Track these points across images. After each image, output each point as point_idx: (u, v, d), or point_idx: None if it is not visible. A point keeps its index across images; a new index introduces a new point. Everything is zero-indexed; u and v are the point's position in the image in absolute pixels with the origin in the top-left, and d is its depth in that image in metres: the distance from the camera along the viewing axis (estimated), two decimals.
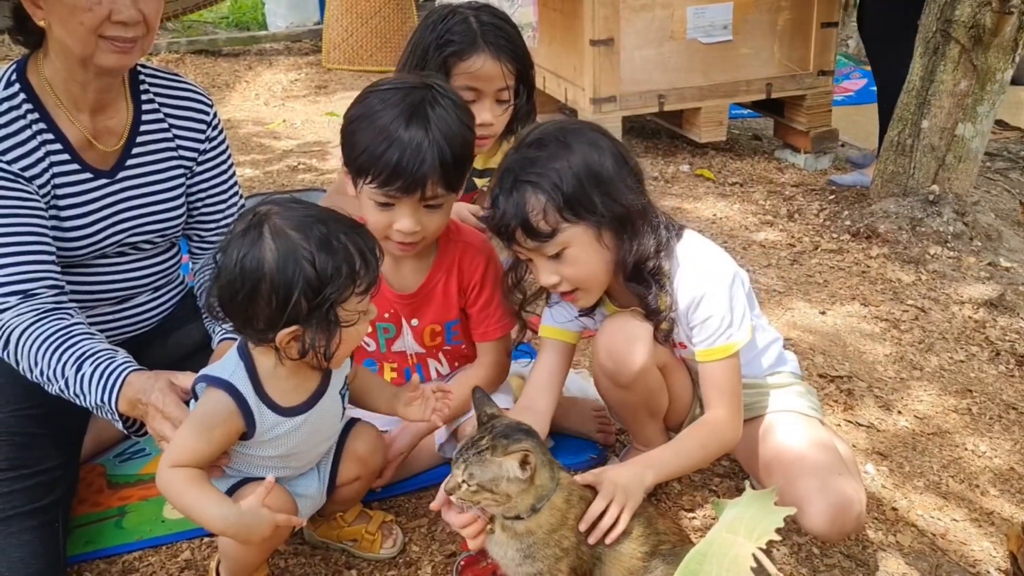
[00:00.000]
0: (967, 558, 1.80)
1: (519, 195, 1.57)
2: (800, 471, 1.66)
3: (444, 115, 1.63)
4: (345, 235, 1.39)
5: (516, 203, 1.57)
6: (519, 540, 1.42)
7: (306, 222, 1.38)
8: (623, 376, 1.72)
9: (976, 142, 3.25)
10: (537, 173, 1.57)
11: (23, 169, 1.69)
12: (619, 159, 1.63)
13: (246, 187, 3.65)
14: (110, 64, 1.68)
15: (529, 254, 1.63)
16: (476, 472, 1.38)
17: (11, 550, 1.56)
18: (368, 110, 1.64)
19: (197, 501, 1.38)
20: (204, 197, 1.97)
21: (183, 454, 1.41)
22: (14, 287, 1.65)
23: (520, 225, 1.57)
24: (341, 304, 1.38)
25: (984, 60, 3.13)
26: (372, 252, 1.42)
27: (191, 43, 6.25)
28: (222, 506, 1.38)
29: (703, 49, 3.90)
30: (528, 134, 1.66)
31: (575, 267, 1.61)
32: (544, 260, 1.62)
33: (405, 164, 1.59)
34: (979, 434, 2.21)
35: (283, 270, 1.34)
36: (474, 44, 2.05)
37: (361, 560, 1.76)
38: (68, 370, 1.60)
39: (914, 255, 3.10)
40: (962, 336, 2.65)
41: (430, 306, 1.85)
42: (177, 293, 2.08)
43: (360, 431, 1.68)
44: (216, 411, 1.43)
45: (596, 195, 1.58)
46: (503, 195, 1.59)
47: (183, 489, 1.39)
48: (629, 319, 1.72)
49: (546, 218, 1.56)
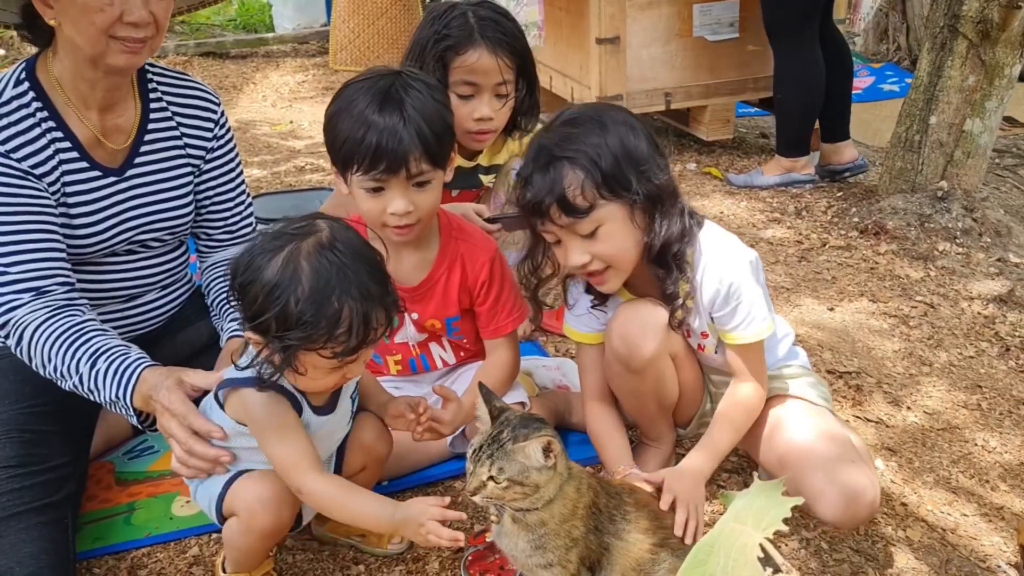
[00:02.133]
0: (977, 553, 1.79)
1: (556, 171, 1.56)
2: (812, 461, 1.67)
3: (417, 95, 1.65)
4: (356, 301, 1.36)
5: (553, 179, 1.56)
6: (530, 531, 1.41)
7: (331, 264, 1.37)
8: (635, 361, 1.71)
9: (984, 138, 3.24)
10: (574, 149, 1.56)
11: (33, 167, 1.70)
12: (652, 141, 1.64)
13: (253, 187, 3.67)
14: (120, 64, 1.69)
15: (560, 233, 1.62)
16: (505, 466, 1.35)
17: (21, 546, 1.56)
18: (343, 104, 1.67)
19: (362, 510, 1.47)
20: (212, 195, 1.97)
21: (304, 460, 1.45)
22: (26, 284, 1.66)
23: (557, 201, 1.56)
24: (304, 351, 1.38)
25: (992, 55, 3.11)
26: (367, 327, 1.38)
27: (199, 45, 6.27)
28: (386, 507, 1.45)
29: (710, 47, 3.90)
30: (560, 115, 1.66)
31: (608, 245, 1.61)
32: (576, 239, 1.61)
33: (385, 144, 1.60)
34: (989, 429, 2.20)
35: (273, 288, 1.35)
36: (470, 38, 2.06)
37: (369, 555, 1.76)
38: (82, 366, 1.61)
39: (923, 251, 3.08)
40: (971, 332, 2.64)
41: (431, 301, 1.86)
42: (185, 292, 2.08)
43: (364, 420, 1.68)
44: (268, 407, 1.45)
45: (632, 173, 1.57)
46: (538, 172, 1.58)
47: (344, 500, 1.46)
48: (644, 305, 1.72)
49: (584, 194, 1.56)
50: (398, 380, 1.99)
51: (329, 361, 1.39)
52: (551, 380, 2.29)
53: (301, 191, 3.67)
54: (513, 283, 1.91)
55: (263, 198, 3.43)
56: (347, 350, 1.38)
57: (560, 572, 1.42)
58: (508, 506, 1.40)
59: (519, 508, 1.39)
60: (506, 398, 1.90)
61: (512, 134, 2.28)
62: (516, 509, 1.40)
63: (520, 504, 1.39)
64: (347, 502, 1.47)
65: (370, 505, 1.47)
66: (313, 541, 1.80)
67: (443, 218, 1.86)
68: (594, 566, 1.46)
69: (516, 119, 2.22)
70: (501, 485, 1.36)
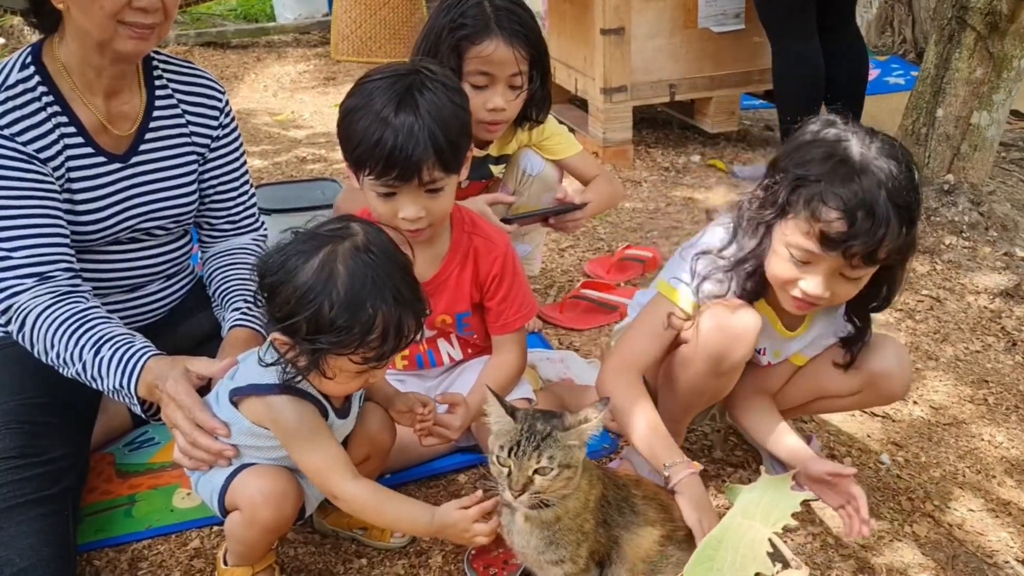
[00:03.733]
0: (984, 548, 1.78)
1: (889, 219, 1.44)
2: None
3: (433, 98, 1.61)
4: (391, 307, 1.36)
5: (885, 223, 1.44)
6: (544, 528, 1.40)
7: (366, 268, 1.36)
8: (726, 363, 1.65)
9: (992, 131, 3.21)
10: (907, 206, 1.46)
11: (38, 151, 1.69)
12: None
13: (255, 178, 3.64)
14: (127, 50, 1.67)
15: (834, 267, 1.51)
16: (555, 453, 1.34)
17: (21, 538, 1.55)
18: (358, 103, 1.64)
19: (400, 515, 1.48)
20: (216, 184, 1.96)
21: (340, 465, 1.45)
22: (30, 269, 1.65)
23: (868, 251, 1.46)
24: (334, 355, 1.37)
25: (1000, 47, 3.08)
26: (399, 334, 1.38)
27: (200, 35, 6.24)
28: (424, 513, 1.46)
29: (715, 38, 3.87)
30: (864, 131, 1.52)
31: (848, 294, 1.57)
32: (833, 274, 1.53)
33: (398, 154, 1.58)
34: (995, 424, 2.18)
35: (307, 291, 1.34)
36: (487, 28, 2.03)
37: (371, 549, 1.75)
38: (86, 353, 1.60)
39: (929, 245, 3.06)
40: (978, 326, 2.62)
41: (442, 296, 1.84)
42: (188, 282, 2.07)
43: (369, 411, 1.67)
44: (299, 415, 1.45)
45: (914, 236, 1.52)
46: (871, 204, 1.44)
47: (382, 505, 1.47)
48: (743, 307, 1.65)
49: (888, 250, 1.48)
50: (403, 374, 1.97)
51: (357, 366, 1.39)
52: (555, 373, 2.27)
53: (303, 181, 3.65)
54: (524, 279, 1.89)
55: (265, 188, 3.41)
56: (378, 356, 1.38)
57: (571, 568, 1.42)
58: (548, 497, 1.36)
59: (560, 496, 1.37)
60: (512, 395, 1.89)
61: (523, 124, 2.26)
62: (551, 499, 1.37)
63: (563, 491, 1.37)
64: (385, 507, 1.47)
65: (408, 510, 1.48)
66: (315, 534, 1.79)
67: (455, 212, 1.84)
68: (603, 560, 1.45)
69: (527, 110, 2.20)
70: (550, 475, 1.34)
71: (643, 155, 4.03)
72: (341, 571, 1.71)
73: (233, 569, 1.59)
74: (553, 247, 3.09)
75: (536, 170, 2.35)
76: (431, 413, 1.68)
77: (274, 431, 1.47)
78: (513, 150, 2.34)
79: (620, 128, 3.85)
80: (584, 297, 2.71)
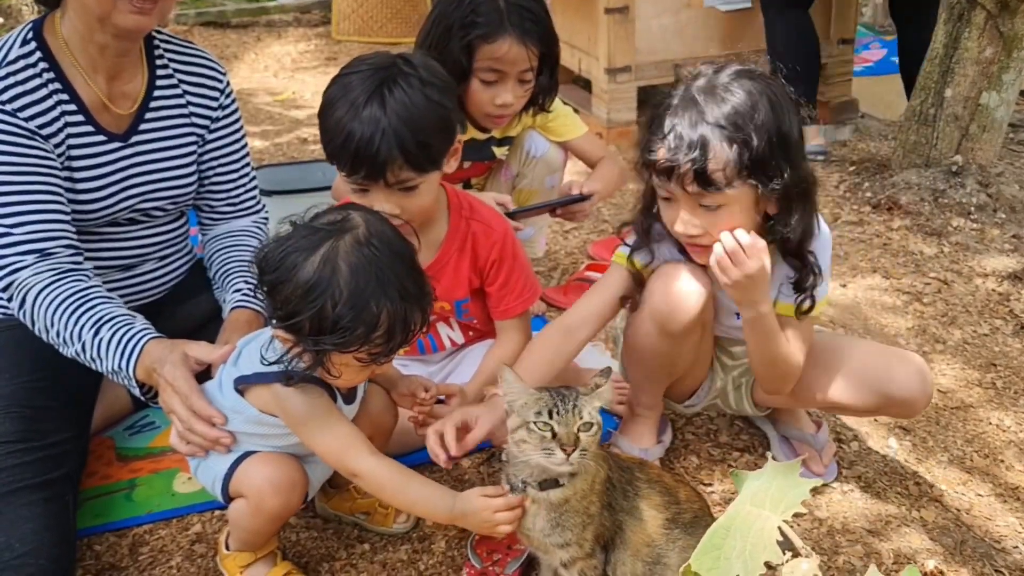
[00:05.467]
0: (992, 533, 1.77)
1: (704, 138, 1.46)
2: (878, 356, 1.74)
3: (404, 96, 1.57)
4: (395, 304, 1.32)
5: (699, 145, 1.46)
6: (551, 510, 1.40)
7: (369, 265, 1.32)
8: (674, 323, 1.65)
9: (1001, 111, 3.17)
10: (733, 123, 1.47)
11: (40, 127, 1.67)
12: (800, 126, 1.55)
13: (255, 158, 3.60)
14: (128, 25, 1.65)
15: (678, 194, 1.53)
16: (592, 411, 1.35)
17: (21, 522, 1.54)
18: (335, 95, 1.62)
19: (420, 497, 1.45)
20: (216, 166, 1.94)
21: (356, 442, 1.43)
22: (31, 245, 1.63)
23: (695, 168, 1.47)
24: (338, 353, 1.34)
25: (1011, 26, 3.04)
26: (405, 330, 1.35)
27: (199, 15, 6.18)
28: (445, 498, 1.44)
29: (721, 17, 3.83)
30: (722, 67, 1.55)
31: (724, 224, 1.53)
32: (693, 207, 1.53)
33: (363, 154, 1.56)
34: (1003, 408, 2.16)
35: (309, 290, 1.31)
36: (500, 27, 1.99)
37: (374, 534, 1.74)
38: (85, 333, 1.59)
39: (936, 227, 3.03)
40: (986, 309, 2.60)
41: (439, 283, 1.81)
42: (185, 263, 2.05)
43: (372, 392, 1.65)
44: (309, 399, 1.42)
45: (782, 160, 1.49)
46: (683, 127, 1.48)
47: (403, 485, 1.44)
48: (691, 268, 1.65)
49: (726, 171, 1.47)
50: (405, 359, 1.95)
51: (362, 362, 1.36)
52: None
53: (303, 163, 3.63)
54: (524, 263, 1.87)
55: (265, 169, 3.39)
56: (384, 352, 1.36)
57: (576, 551, 1.41)
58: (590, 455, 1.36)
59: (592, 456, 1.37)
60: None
61: (528, 110, 2.23)
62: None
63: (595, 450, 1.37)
64: (406, 487, 1.44)
65: (429, 492, 1.45)
66: (317, 519, 1.78)
67: (453, 197, 1.81)
68: (608, 544, 1.44)
69: (535, 97, 2.18)
70: (592, 431, 1.34)
71: None
72: (344, 556, 1.69)
73: (235, 554, 1.58)
74: (557, 229, 3.07)
75: (540, 152, 2.33)
76: (433, 399, 1.67)
77: (283, 418, 1.45)
78: (517, 132, 2.31)
79: (624, 109, 3.81)
80: (588, 279, 2.68)
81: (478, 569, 1.62)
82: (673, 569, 1.40)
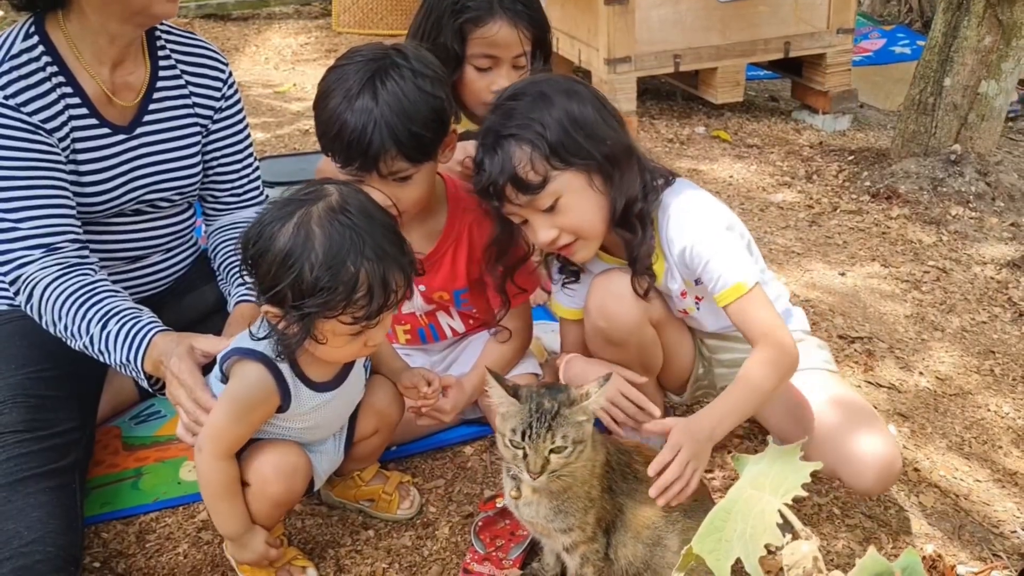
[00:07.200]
0: (990, 519, 1.78)
1: (504, 151, 1.54)
2: (836, 428, 1.65)
3: (396, 88, 1.57)
4: (373, 263, 1.33)
5: (502, 159, 1.53)
6: (553, 497, 1.41)
7: (343, 227, 1.33)
8: (616, 333, 1.71)
9: (1000, 100, 3.18)
10: (518, 125, 1.54)
11: (44, 121, 1.68)
12: (598, 104, 1.60)
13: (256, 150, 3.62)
14: (164, 12, 1.68)
15: (522, 212, 1.59)
16: (569, 431, 1.34)
17: (28, 511, 1.55)
18: (328, 87, 1.62)
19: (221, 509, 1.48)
20: (219, 157, 1.95)
21: (225, 443, 1.44)
22: (38, 240, 1.64)
23: (509, 180, 1.54)
24: (323, 318, 1.35)
25: (1010, 15, 3.04)
26: (386, 289, 1.35)
27: (200, 7, 6.18)
28: (241, 524, 1.49)
29: (720, 7, 3.83)
30: (503, 92, 1.63)
31: (571, 215, 1.58)
32: (539, 215, 1.58)
33: (356, 146, 1.57)
34: (1002, 395, 2.18)
35: (286, 257, 1.32)
36: (491, 10, 1.99)
37: (378, 520, 1.76)
38: (93, 327, 1.60)
39: (935, 215, 3.05)
40: (984, 297, 2.61)
41: (437, 274, 1.83)
42: (190, 255, 2.06)
43: (377, 384, 1.66)
44: (254, 391, 1.43)
45: (581, 138, 1.54)
46: (487, 155, 1.56)
47: (220, 494, 1.47)
48: (619, 276, 1.70)
49: (534, 168, 1.53)
50: (408, 348, 1.97)
51: (349, 327, 1.36)
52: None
53: (305, 154, 3.63)
54: None
55: (267, 161, 3.39)
56: (368, 314, 1.36)
57: (579, 535, 1.42)
58: (563, 475, 1.36)
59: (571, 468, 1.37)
60: (516, 370, 1.88)
61: None
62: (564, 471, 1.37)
63: (574, 464, 1.37)
64: (220, 495, 1.47)
65: (233, 514, 1.48)
66: (322, 506, 1.79)
67: (451, 187, 1.82)
68: (609, 528, 1.45)
69: None
70: (565, 453, 1.34)
71: (647, 127, 4.00)
72: (348, 543, 1.71)
73: None
74: None
75: None
76: (435, 392, 1.68)
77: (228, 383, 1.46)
78: None
79: (624, 99, 3.82)
80: None
81: (481, 555, 1.63)
82: (673, 551, 1.42)
